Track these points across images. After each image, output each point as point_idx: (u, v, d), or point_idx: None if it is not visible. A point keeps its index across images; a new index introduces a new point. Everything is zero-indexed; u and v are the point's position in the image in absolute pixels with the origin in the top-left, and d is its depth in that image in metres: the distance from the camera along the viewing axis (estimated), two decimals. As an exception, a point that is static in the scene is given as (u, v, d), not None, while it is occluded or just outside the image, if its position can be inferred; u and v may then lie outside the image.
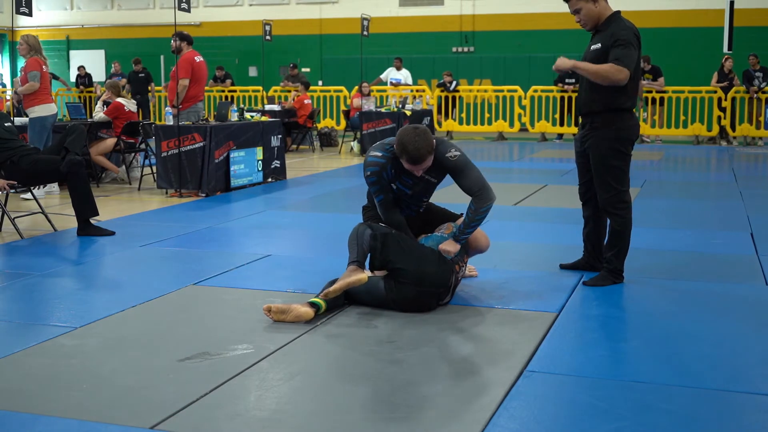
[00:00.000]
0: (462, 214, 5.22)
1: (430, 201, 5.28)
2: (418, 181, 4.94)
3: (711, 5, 20.12)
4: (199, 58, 10.52)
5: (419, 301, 4.63)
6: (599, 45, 5.09)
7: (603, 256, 5.34)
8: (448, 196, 6.65)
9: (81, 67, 22.61)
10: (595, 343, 4.21)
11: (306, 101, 16.35)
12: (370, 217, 5.17)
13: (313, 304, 4.48)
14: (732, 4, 18.08)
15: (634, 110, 5.21)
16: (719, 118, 17.59)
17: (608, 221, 5.30)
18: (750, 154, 15.37)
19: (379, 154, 4.89)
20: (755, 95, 17.20)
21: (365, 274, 4.57)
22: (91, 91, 21.61)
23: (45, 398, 3.41)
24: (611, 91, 5.06)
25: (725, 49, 17.34)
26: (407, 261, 4.63)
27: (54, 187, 9.54)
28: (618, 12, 5.15)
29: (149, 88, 20.12)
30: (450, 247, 4.80)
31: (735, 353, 4.01)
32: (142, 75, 20.00)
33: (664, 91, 17.97)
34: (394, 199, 4.99)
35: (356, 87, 16.95)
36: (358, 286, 4.68)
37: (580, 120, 5.38)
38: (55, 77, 21.87)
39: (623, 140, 5.15)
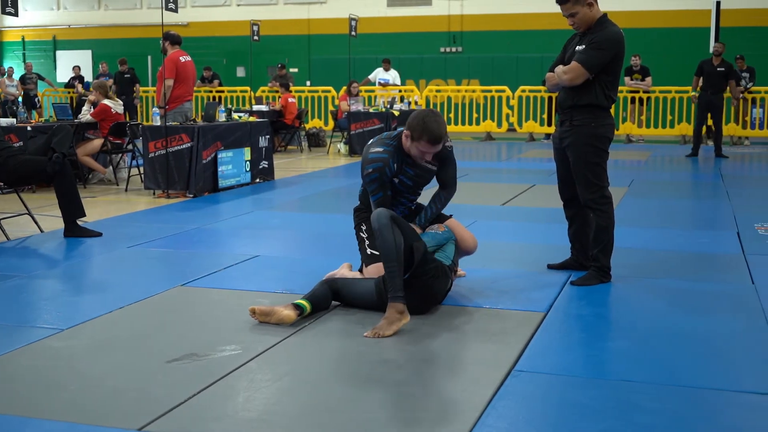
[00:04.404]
0: (451, 215, 5.25)
1: (419, 202, 5.30)
2: (420, 171, 4.96)
3: (697, 6, 20.23)
4: (184, 58, 10.48)
5: (416, 309, 4.57)
6: (584, 46, 5.15)
7: (589, 254, 5.37)
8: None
9: (76, 68, 22.53)
10: (583, 342, 4.23)
11: (290, 100, 16.32)
12: (363, 219, 5.16)
13: (297, 306, 4.46)
14: (718, 4, 18.16)
15: (612, 110, 5.29)
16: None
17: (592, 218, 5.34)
18: (736, 153, 15.44)
19: (381, 149, 4.89)
20: (741, 95, 17.27)
21: (409, 317, 4.37)
22: (76, 92, 21.53)
23: (33, 400, 3.39)
24: (590, 88, 5.17)
25: (711, 50, 17.40)
26: (426, 276, 4.60)
27: None
28: (605, 15, 5.21)
29: (135, 88, 20.06)
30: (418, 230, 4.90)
31: (722, 352, 4.03)
32: (128, 75, 19.94)
33: (651, 91, 18.04)
34: (390, 198, 4.98)
35: (344, 88, 16.93)
36: (347, 289, 4.70)
37: (559, 117, 5.44)
38: (41, 78, 21.82)
39: (601, 137, 5.24)
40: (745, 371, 3.75)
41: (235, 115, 11.16)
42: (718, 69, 14.55)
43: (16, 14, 11.10)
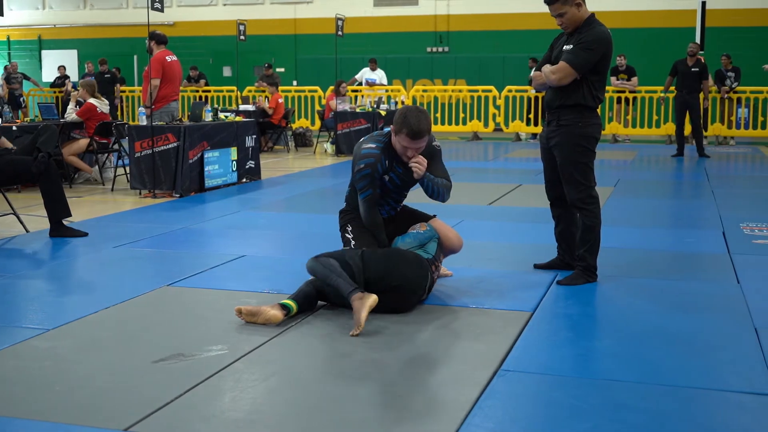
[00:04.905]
0: (435, 215, 5.26)
1: (404, 203, 5.30)
2: (408, 171, 4.96)
3: (683, 6, 20.30)
4: (171, 58, 10.44)
5: (397, 304, 4.62)
6: (572, 46, 5.17)
7: (576, 254, 5.38)
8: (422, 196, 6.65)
9: (61, 67, 22.42)
10: (569, 341, 4.23)
11: (279, 100, 16.31)
12: (349, 220, 5.16)
13: (283, 306, 4.45)
14: (704, 4, 18.22)
15: (598, 110, 5.31)
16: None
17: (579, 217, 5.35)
18: (722, 153, 15.50)
19: (373, 145, 4.91)
20: (726, 95, 17.35)
21: (374, 296, 4.43)
22: (62, 91, 21.42)
23: (18, 401, 3.37)
24: (578, 88, 5.18)
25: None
26: (389, 269, 4.61)
27: None
28: (593, 14, 5.22)
29: (115, 88, 19.97)
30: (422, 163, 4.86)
31: (707, 351, 4.04)
32: (108, 75, 19.85)
33: (637, 91, 18.10)
34: (378, 197, 4.98)
35: (331, 87, 16.92)
36: (332, 289, 4.68)
37: (546, 116, 5.46)
38: (26, 77, 21.70)
39: (588, 137, 5.26)
40: (730, 370, 3.75)
41: (221, 115, 11.14)
42: (692, 69, 14.57)
43: (1, 14, 11.05)
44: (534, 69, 5.47)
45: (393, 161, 4.93)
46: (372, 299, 4.38)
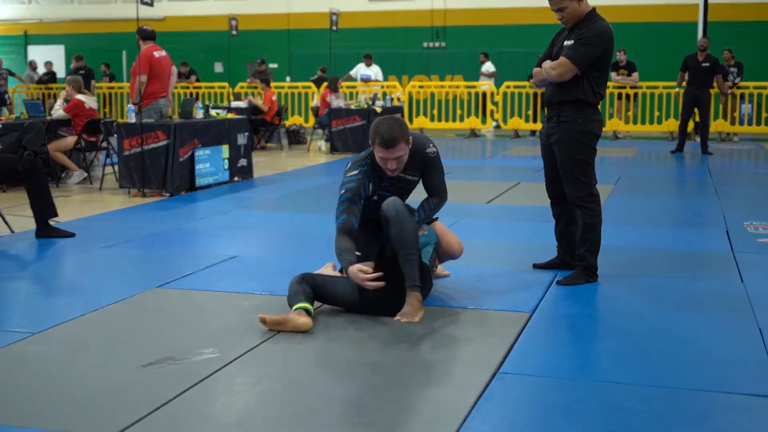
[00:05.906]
0: (437, 218, 5.16)
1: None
2: (396, 182, 4.85)
3: (684, 0, 20.23)
4: (159, 53, 10.30)
5: (395, 304, 4.52)
6: (572, 41, 5.09)
7: (576, 253, 5.30)
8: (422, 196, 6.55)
9: (48, 63, 22.28)
10: (569, 343, 4.20)
11: (273, 98, 16.20)
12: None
13: (308, 312, 4.33)
14: (706, -1, 18.15)
15: (599, 106, 5.23)
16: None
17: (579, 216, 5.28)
18: (725, 150, 15.42)
19: (356, 171, 4.78)
20: (729, 91, 17.23)
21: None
22: (50, 88, 21.23)
23: (4, 406, 3.32)
24: (578, 84, 5.12)
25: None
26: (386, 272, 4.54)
27: None
28: (594, 9, 5.15)
29: (91, 85, 19.85)
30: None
31: (708, 352, 3.99)
32: (83, 72, 19.71)
33: (638, 87, 18.00)
34: (353, 226, 4.80)
35: (324, 84, 16.81)
36: (328, 287, 4.60)
37: (546, 112, 5.38)
38: (12, 74, 21.54)
39: (589, 134, 5.20)
40: (733, 371, 3.71)
41: (212, 112, 11.05)
42: (703, 64, 14.52)
43: (-13, 9, 10.90)
44: (535, 65, 5.39)
45: (379, 180, 4.81)
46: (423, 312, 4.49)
